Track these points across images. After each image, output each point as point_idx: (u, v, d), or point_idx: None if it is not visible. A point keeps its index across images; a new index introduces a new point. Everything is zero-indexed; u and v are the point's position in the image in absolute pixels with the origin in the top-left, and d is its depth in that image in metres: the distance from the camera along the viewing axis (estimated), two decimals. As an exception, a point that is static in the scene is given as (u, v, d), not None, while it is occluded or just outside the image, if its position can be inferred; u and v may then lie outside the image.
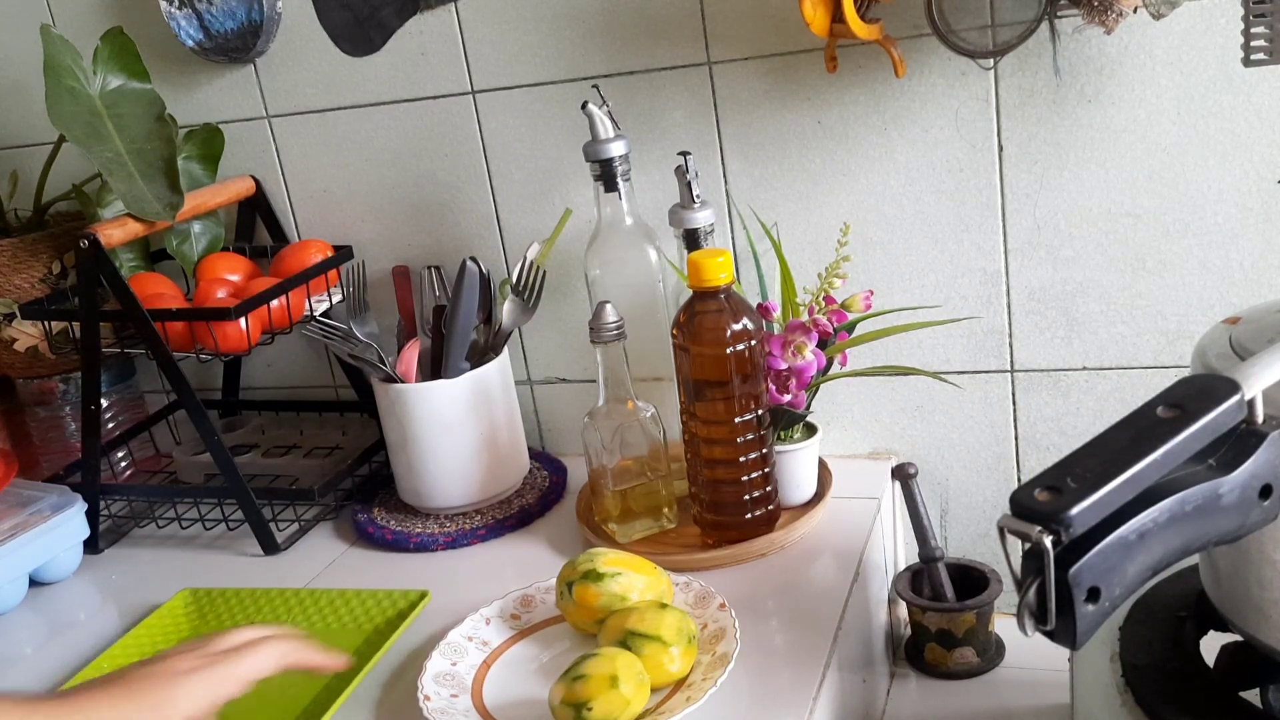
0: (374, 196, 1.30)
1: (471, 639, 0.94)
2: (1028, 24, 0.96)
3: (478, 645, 0.94)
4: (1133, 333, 1.08)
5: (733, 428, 1.00)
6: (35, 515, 1.17)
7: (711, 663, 0.86)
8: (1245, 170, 1.00)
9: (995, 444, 1.16)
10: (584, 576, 0.92)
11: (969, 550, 1.20)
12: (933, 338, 1.14)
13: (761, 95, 1.12)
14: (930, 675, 1.08)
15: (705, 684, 0.83)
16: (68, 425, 1.38)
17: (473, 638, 0.94)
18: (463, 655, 0.92)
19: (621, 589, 0.91)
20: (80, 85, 1.16)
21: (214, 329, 1.15)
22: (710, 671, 0.85)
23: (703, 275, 0.97)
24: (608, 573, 0.92)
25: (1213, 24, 0.97)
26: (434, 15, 1.20)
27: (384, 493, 1.25)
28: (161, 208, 1.14)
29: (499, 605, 0.97)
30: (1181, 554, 0.59)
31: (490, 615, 0.96)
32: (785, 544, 1.05)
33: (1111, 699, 0.72)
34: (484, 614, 0.96)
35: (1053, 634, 0.57)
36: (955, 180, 1.09)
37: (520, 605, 0.98)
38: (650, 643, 0.85)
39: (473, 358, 1.15)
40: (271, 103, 1.30)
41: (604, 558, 0.93)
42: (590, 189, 1.13)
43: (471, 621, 0.95)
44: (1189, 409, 0.58)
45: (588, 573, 0.92)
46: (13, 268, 1.23)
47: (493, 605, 0.97)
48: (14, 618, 1.14)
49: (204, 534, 1.23)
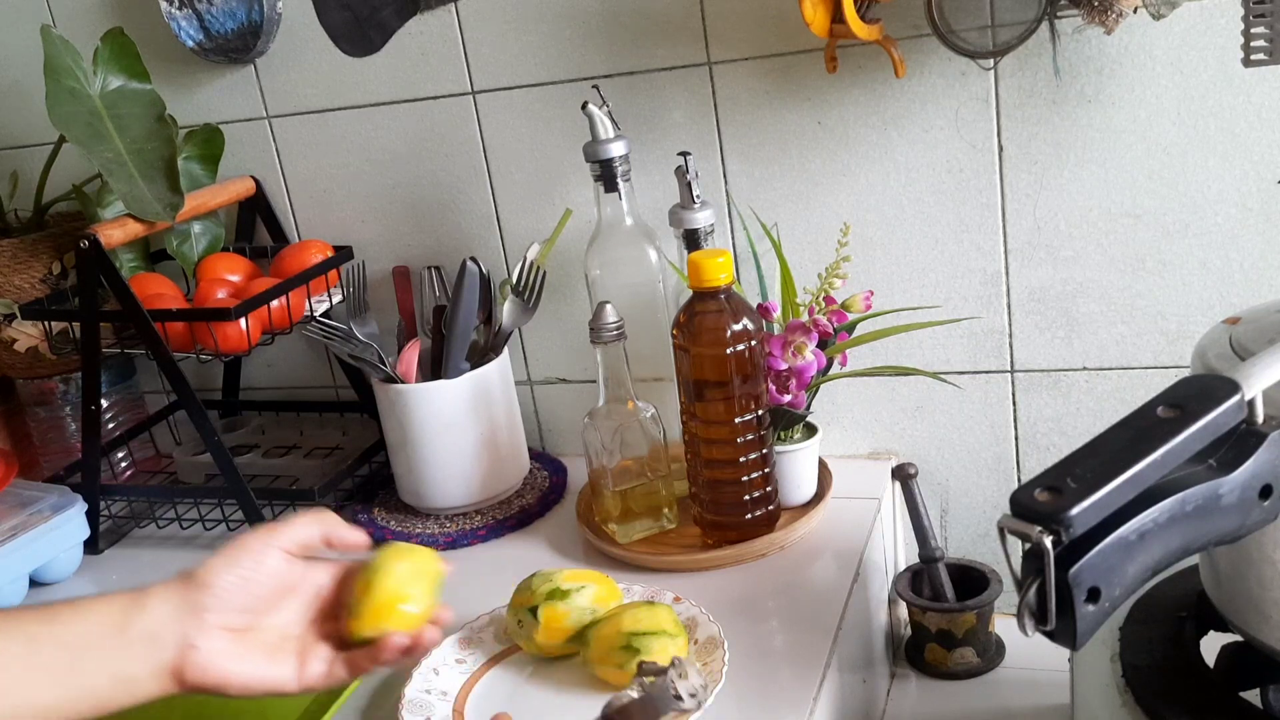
0: (374, 197, 1.30)
1: (430, 692, 0.89)
2: (1028, 24, 0.96)
3: (437, 696, 0.89)
4: (1133, 333, 1.08)
5: (733, 428, 1.00)
6: (35, 516, 1.17)
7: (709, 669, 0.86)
8: (1245, 170, 1.00)
9: (995, 444, 1.16)
10: (549, 597, 0.90)
11: (969, 550, 1.20)
12: (933, 338, 1.14)
13: (762, 95, 1.12)
14: (930, 675, 1.08)
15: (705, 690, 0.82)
16: (68, 426, 1.38)
17: (430, 690, 0.89)
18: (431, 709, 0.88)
19: (589, 601, 0.90)
20: (80, 86, 1.16)
21: (214, 329, 1.15)
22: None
23: (703, 275, 0.97)
24: (572, 588, 0.90)
25: (1213, 24, 0.97)
26: (434, 16, 1.20)
27: (384, 493, 1.25)
28: (162, 208, 1.14)
29: (443, 651, 0.93)
30: (1181, 554, 0.59)
31: (436, 664, 0.91)
32: (785, 544, 1.05)
33: (1112, 699, 0.72)
34: (430, 664, 0.91)
35: (1053, 634, 0.57)
36: (955, 180, 1.09)
37: (461, 648, 0.94)
38: (657, 638, 0.85)
39: (473, 358, 1.15)
40: (272, 103, 1.30)
41: (561, 575, 0.92)
42: (590, 189, 1.13)
43: (421, 677, 0.90)
44: (1189, 409, 0.58)
45: (552, 592, 0.90)
46: (13, 268, 1.23)
47: (440, 649, 0.92)
48: (14, 618, 1.14)
49: (204, 534, 1.23)
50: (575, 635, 0.89)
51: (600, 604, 0.91)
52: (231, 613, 0.72)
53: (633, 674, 0.83)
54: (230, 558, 0.73)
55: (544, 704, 0.88)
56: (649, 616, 0.86)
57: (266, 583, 0.74)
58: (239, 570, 0.73)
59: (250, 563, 0.73)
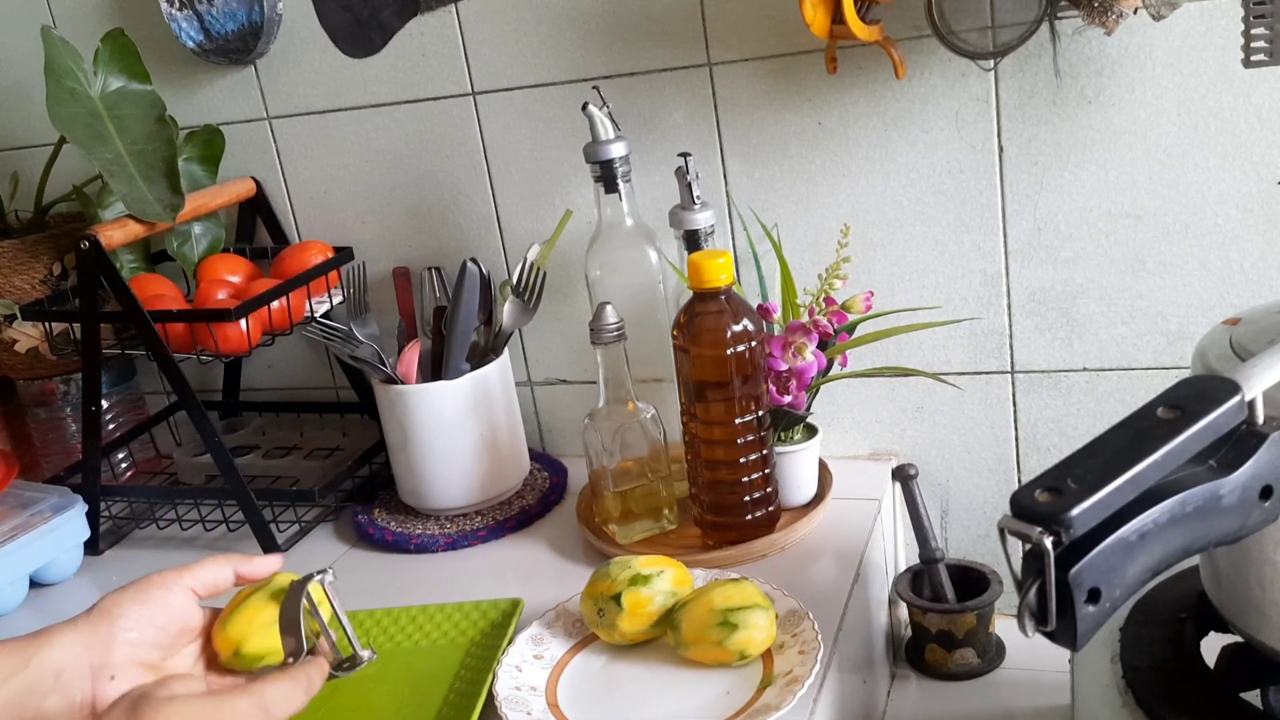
0: (374, 198, 1.30)
1: (519, 689, 0.88)
2: (1028, 25, 0.96)
3: (528, 692, 0.88)
4: (1133, 334, 1.08)
5: (733, 429, 1.00)
6: (36, 516, 1.17)
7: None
8: (1245, 171, 1.00)
9: (995, 445, 1.16)
10: (632, 583, 0.90)
11: (969, 551, 1.20)
12: (933, 339, 1.14)
13: (762, 96, 1.12)
14: (931, 676, 1.08)
15: (792, 686, 0.82)
16: (68, 426, 1.38)
17: (519, 686, 0.88)
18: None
19: (669, 585, 0.91)
20: (81, 87, 1.16)
21: (214, 330, 1.15)
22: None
23: (703, 276, 0.97)
24: (652, 572, 0.91)
25: (1213, 25, 0.97)
26: (434, 16, 1.20)
27: (384, 494, 1.25)
28: (162, 209, 1.14)
29: (520, 648, 0.92)
30: (1182, 555, 0.59)
31: (517, 661, 0.90)
32: (785, 545, 1.05)
33: (1112, 700, 0.72)
34: (511, 661, 0.90)
35: (1053, 635, 0.57)
36: (955, 181, 1.09)
37: (535, 644, 0.93)
38: (751, 612, 0.85)
39: (473, 359, 1.15)
40: (272, 104, 1.30)
41: (638, 560, 0.92)
42: (591, 190, 1.13)
43: (506, 674, 0.88)
44: (1189, 410, 0.58)
45: (634, 578, 0.90)
46: (13, 269, 1.23)
47: (516, 646, 0.92)
48: (14, 619, 1.13)
49: (204, 535, 1.23)
50: (659, 620, 0.89)
51: (679, 587, 0.91)
52: (141, 646, 0.71)
53: (731, 651, 0.85)
54: (138, 592, 0.72)
55: (638, 690, 0.87)
56: (738, 592, 0.87)
57: (173, 620, 0.72)
58: (147, 606, 0.72)
59: (159, 597, 0.72)
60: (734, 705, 0.83)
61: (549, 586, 1.01)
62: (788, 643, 0.88)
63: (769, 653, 0.87)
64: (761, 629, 0.86)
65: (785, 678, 0.84)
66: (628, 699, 0.87)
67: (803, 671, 0.83)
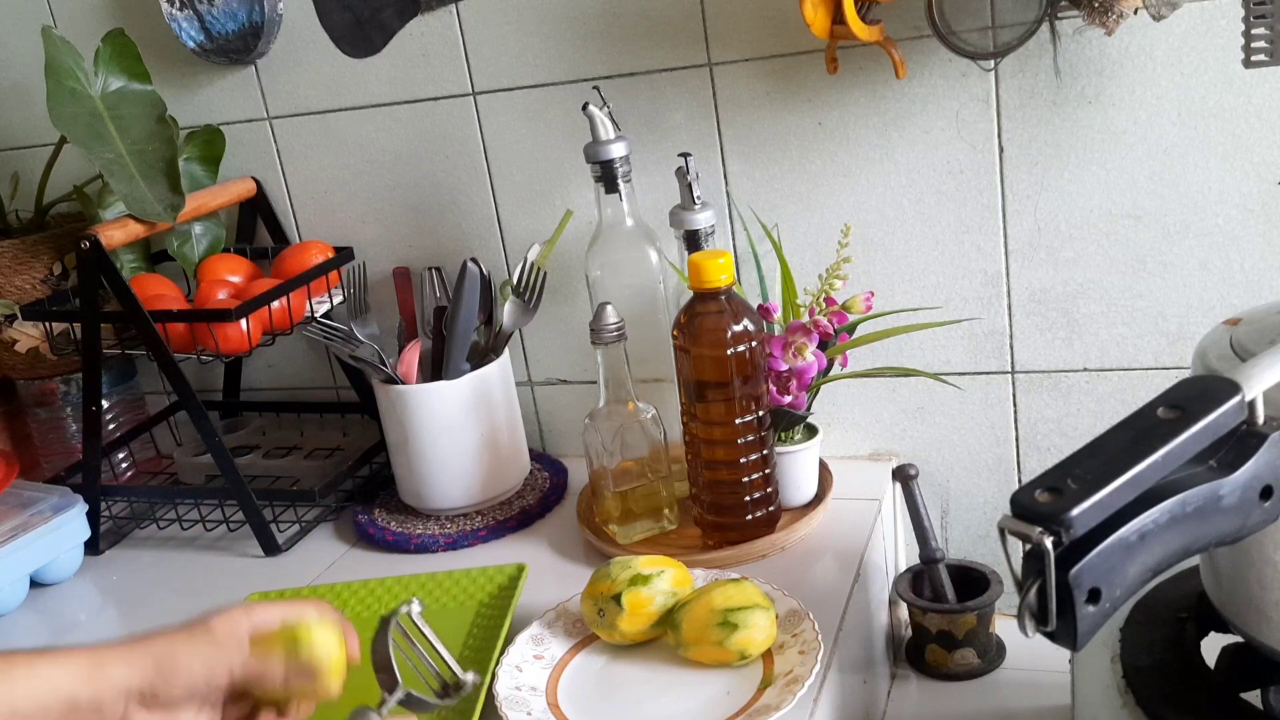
0: (375, 198, 1.30)
1: (519, 689, 0.87)
2: (1028, 25, 0.96)
3: (528, 692, 0.88)
4: (1133, 334, 1.08)
5: (733, 429, 1.00)
6: (36, 516, 1.17)
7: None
8: (1246, 171, 1.00)
9: (996, 445, 1.16)
10: (632, 583, 0.90)
11: (970, 551, 1.20)
12: (933, 339, 1.14)
13: (762, 96, 1.12)
14: (931, 676, 1.08)
15: (792, 686, 0.82)
16: (69, 426, 1.38)
17: (520, 686, 0.88)
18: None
19: (669, 585, 0.91)
20: (81, 87, 1.16)
21: (215, 330, 1.15)
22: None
23: (703, 276, 0.97)
24: (652, 573, 0.91)
25: (1213, 25, 0.97)
26: (435, 17, 1.20)
27: (385, 494, 1.25)
28: (162, 209, 1.14)
29: (520, 649, 0.92)
30: (1182, 555, 0.59)
31: (517, 661, 0.90)
32: (786, 545, 1.05)
33: (1112, 700, 0.72)
34: (512, 661, 0.90)
35: (1053, 635, 0.57)
36: (956, 181, 1.09)
37: (535, 645, 0.93)
38: (751, 612, 0.85)
39: (473, 359, 1.15)
40: (272, 104, 1.30)
41: (638, 560, 0.92)
42: (591, 190, 1.13)
43: (507, 675, 0.88)
44: (1190, 410, 0.58)
45: (634, 578, 0.90)
46: (14, 269, 1.23)
47: (516, 647, 0.92)
48: (15, 619, 1.13)
49: (205, 535, 1.23)
50: (660, 620, 0.90)
51: (679, 587, 0.91)
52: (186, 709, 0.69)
53: (731, 651, 0.85)
54: (210, 653, 0.69)
55: (638, 690, 0.88)
56: (738, 592, 0.87)
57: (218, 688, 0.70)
58: (206, 673, 0.69)
59: (222, 664, 0.69)
60: (734, 705, 0.83)
61: (549, 586, 1.01)
62: (788, 643, 0.88)
63: (769, 653, 0.87)
64: (762, 629, 0.86)
65: (785, 678, 0.84)
66: (628, 699, 0.87)
67: (803, 672, 0.83)
